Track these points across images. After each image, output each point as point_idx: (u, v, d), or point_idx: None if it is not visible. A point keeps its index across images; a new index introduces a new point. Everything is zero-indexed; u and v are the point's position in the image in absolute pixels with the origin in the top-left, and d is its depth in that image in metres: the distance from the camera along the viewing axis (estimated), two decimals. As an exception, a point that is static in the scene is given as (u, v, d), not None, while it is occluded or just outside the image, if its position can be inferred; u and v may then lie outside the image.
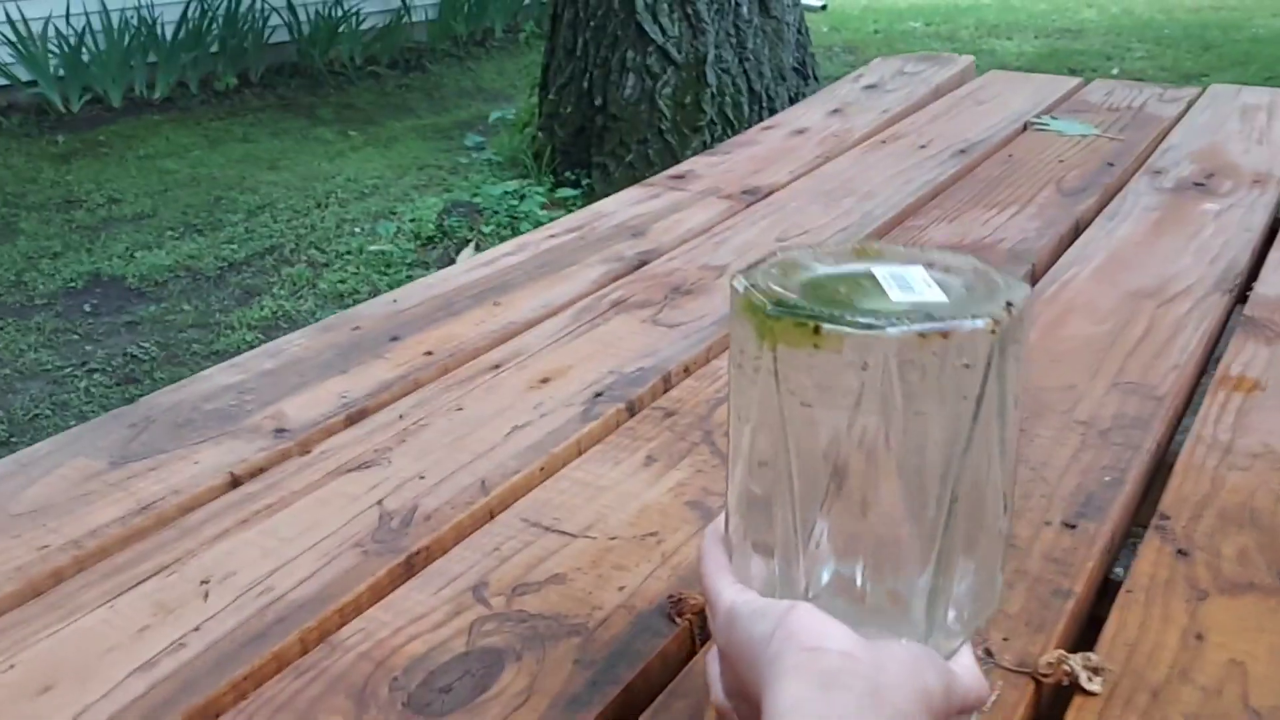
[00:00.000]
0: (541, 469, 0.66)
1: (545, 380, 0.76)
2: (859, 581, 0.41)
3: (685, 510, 0.61)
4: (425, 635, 0.52)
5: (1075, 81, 1.55)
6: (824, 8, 6.78)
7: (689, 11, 3.15)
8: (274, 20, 5.54)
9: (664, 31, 3.16)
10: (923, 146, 1.28)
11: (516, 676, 0.49)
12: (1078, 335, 0.80)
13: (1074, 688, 0.47)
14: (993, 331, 0.37)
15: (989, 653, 0.49)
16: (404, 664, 0.50)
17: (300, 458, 0.68)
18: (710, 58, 3.19)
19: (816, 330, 0.37)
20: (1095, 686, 0.47)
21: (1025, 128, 1.34)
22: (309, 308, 2.92)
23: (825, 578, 0.41)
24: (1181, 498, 0.61)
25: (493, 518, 0.61)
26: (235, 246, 3.40)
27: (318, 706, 0.48)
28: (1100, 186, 1.12)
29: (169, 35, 5.07)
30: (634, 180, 1.63)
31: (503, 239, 3.12)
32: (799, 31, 3.48)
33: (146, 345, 2.73)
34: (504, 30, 6.52)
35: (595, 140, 3.33)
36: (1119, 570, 0.58)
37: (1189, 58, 5.58)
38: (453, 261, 3.02)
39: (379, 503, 0.62)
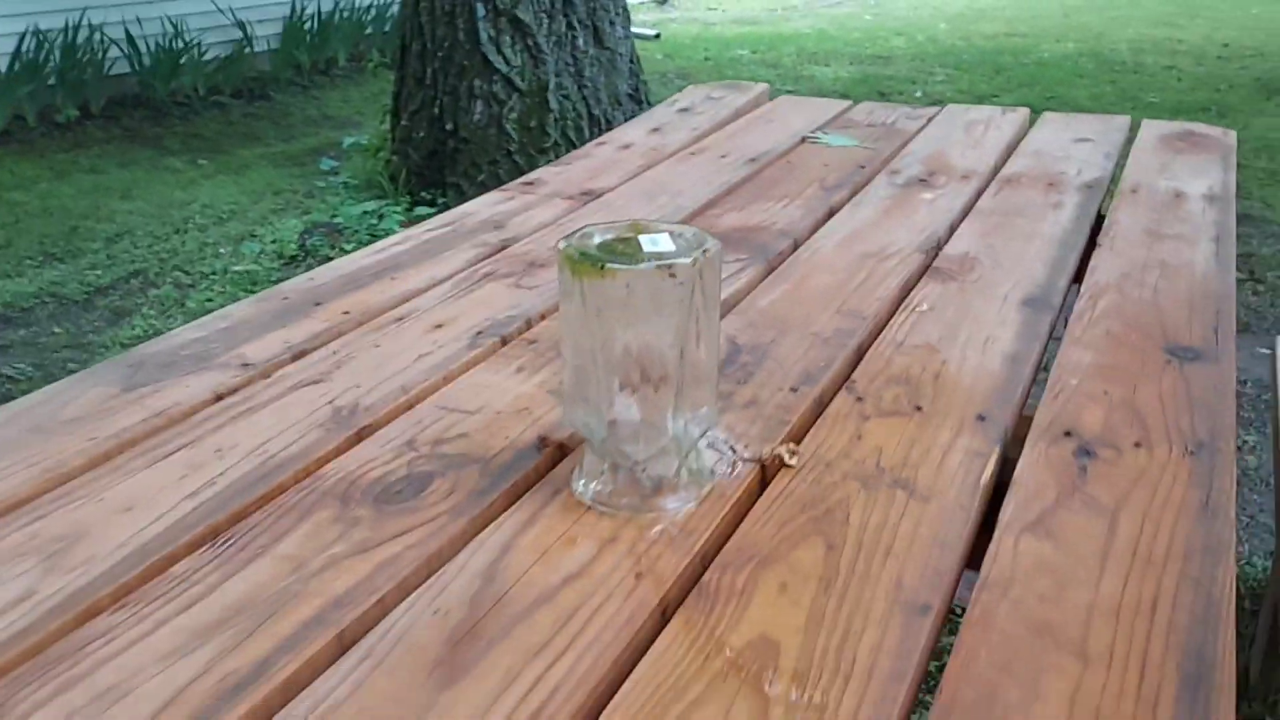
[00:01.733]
0: (444, 378, 0.94)
1: (438, 326, 1.04)
2: (637, 416, 0.71)
3: (546, 396, 0.90)
4: (380, 467, 0.79)
5: (845, 104, 1.92)
6: (658, 36, 7.20)
7: (530, 43, 3.46)
8: (113, 52, 5.57)
9: (507, 62, 3.45)
10: (723, 156, 1.61)
11: (443, 484, 0.77)
12: (820, 284, 1.14)
13: (780, 465, 0.78)
14: (694, 264, 0.68)
15: (733, 449, 0.80)
16: (368, 481, 0.77)
17: (264, 380, 0.94)
18: (551, 85, 3.50)
19: (602, 268, 0.68)
20: (793, 462, 0.78)
21: (803, 141, 1.69)
22: (180, 325, 3.08)
23: (618, 415, 0.71)
24: (865, 372, 0.94)
25: (413, 408, 0.89)
26: (99, 272, 3.51)
27: (316, 506, 0.75)
28: (852, 183, 1.48)
29: (3, 67, 5.05)
30: (489, 193, 1.90)
31: (364, 256, 3.33)
32: (631, 61, 3.84)
33: (21, 366, 2.84)
34: (347, 59, 6.66)
35: (449, 162, 3.59)
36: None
37: (983, 80, 6.21)
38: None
39: (330, 402, 0.89)
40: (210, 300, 3.23)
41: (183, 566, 0.69)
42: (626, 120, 3.75)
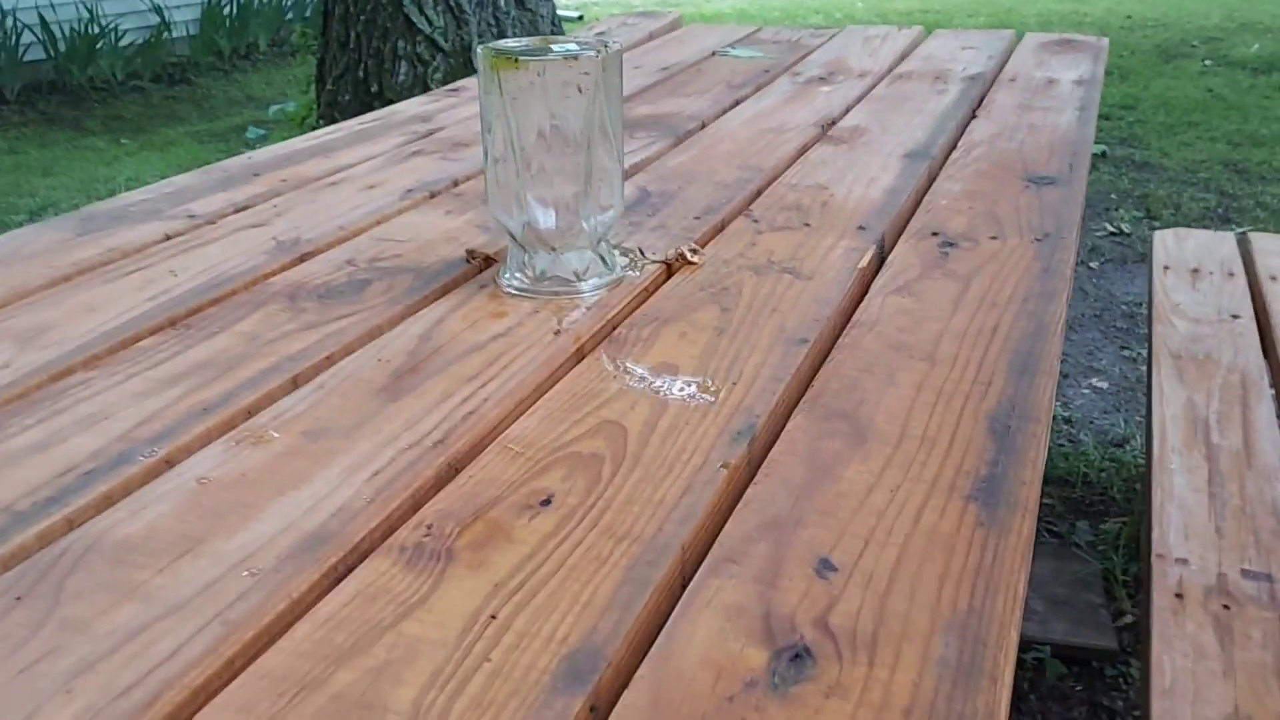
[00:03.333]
0: (378, 220, 1.02)
1: (371, 186, 1.13)
2: (554, 210, 0.81)
3: (473, 229, 0.99)
4: (323, 278, 0.88)
5: (753, 27, 2.03)
6: (580, 18, 7.28)
7: (452, 4, 3.52)
8: (27, 38, 5.49)
9: (430, 22, 3.51)
10: (637, 68, 1.71)
11: (380, 286, 0.86)
12: (723, 150, 1.24)
13: (684, 262, 0.88)
14: (598, 55, 0.77)
15: (641, 252, 0.90)
16: (313, 286, 0.86)
17: (210, 225, 1.01)
18: (474, 45, 3.56)
19: (516, 61, 0.77)
20: (697, 260, 0.88)
21: (712, 55, 1.79)
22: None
23: (536, 209, 0.81)
24: (761, 204, 1.04)
25: (351, 239, 0.97)
26: (24, 241, 3.49)
27: (267, 302, 0.83)
28: (756, 83, 1.58)
29: (-80, 49, 4.96)
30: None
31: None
32: (552, 24, 3.91)
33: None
34: (268, 44, 6.63)
35: (375, 123, 3.64)
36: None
37: (897, 52, 6.36)
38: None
39: (274, 238, 0.97)
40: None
41: (147, 343, 0.76)
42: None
